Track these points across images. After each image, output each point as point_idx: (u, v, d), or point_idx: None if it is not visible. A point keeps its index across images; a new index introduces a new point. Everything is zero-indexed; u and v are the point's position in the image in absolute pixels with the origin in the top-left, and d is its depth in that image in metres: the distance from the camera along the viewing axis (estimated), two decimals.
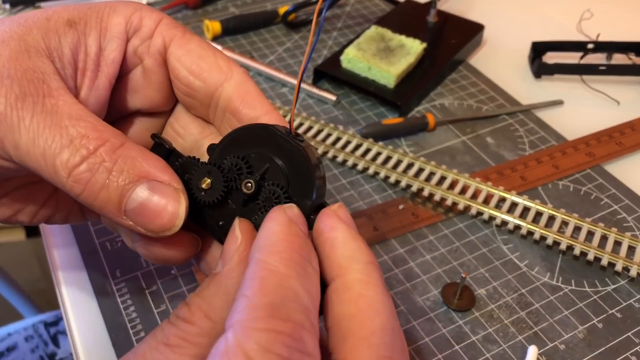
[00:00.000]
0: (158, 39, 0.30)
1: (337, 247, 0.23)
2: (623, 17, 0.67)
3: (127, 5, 0.29)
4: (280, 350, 0.19)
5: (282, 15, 0.65)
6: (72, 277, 0.40)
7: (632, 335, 0.37)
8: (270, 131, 0.26)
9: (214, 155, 0.27)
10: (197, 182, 0.26)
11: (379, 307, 0.22)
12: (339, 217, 0.24)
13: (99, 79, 0.29)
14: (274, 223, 0.23)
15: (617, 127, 0.52)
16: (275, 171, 0.26)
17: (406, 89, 0.54)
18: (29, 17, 0.27)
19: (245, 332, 0.19)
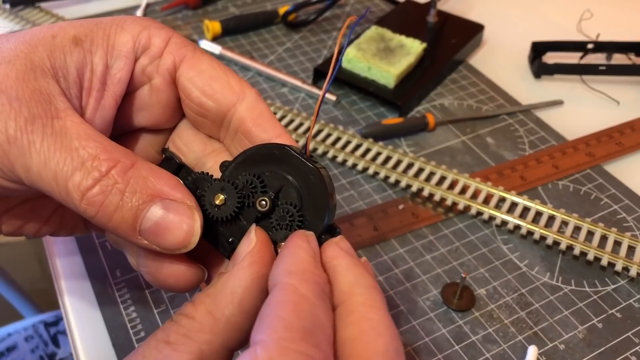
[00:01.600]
0: (168, 58, 0.29)
1: (340, 274, 0.24)
2: (623, 17, 0.67)
3: (135, 23, 0.29)
4: None
5: (282, 15, 0.65)
6: (72, 277, 0.40)
7: (632, 335, 0.37)
8: (285, 151, 0.26)
9: (227, 171, 0.27)
10: (210, 198, 0.26)
11: (382, 329, 0.22)
12: (341, 247, 0.25)
13: (105, 99, 0.28)
14: (301, 251, 0.23)
15: (617, 127, 0.52)
16: (289, 191, 0.26)
17: (406, 89, 0.54)
18: (34, 34, 0.27)
19: (281, 350, 0.19)
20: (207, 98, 0.29)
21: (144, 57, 0.29)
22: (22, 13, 0.65)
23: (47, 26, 0.28)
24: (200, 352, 0.22)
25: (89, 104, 0.28)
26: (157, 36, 0.29)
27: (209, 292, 0.23)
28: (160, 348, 0.22)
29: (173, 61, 0.29)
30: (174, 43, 0.29)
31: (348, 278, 0.24)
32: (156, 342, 0.23)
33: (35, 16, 0.64)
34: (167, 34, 0.30)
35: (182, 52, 0.29)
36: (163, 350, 0.22)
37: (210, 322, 0.23)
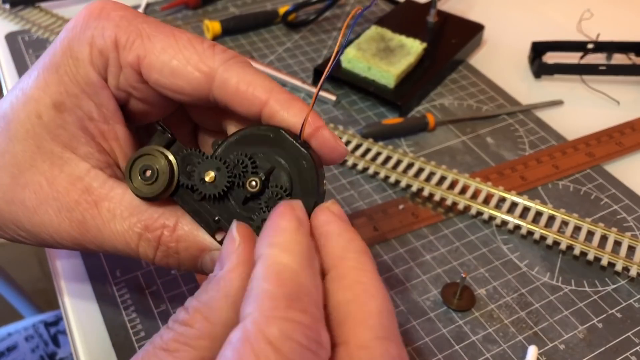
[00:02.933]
0: (127, 69, 0.28)
1: (331, 239, 0.24)
2: (623, 17, 0.67)
3: (82, 45, 0.28)
4: (301, 339, 0.20)
5: (282, 15, 0.65)
6: (72, 277, 0.40)
7: (632, 335, 0.37)
8: (279, 134, 0.26)
9: (219, 149, 0.27)
10: (201, 174, 0.27)
11: (374, 291, 0.23)
12: (333, 213, 0.25)
13: (117, 131, 0.29)
14: (283, 220, 0.23)
15: (617, 127, 0.52)
16: (280, 173, 0.27)
17: (406, 89, 0.54)
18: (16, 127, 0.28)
19: (268, 320, 0.20)
20: (168, 78, 0.28)
21: (110, 78, 0.28)
22: (22, 13, 0.65)
23: (25, 109, 0.28)
24: (201, 359, 0.22)
25: (111, 144, 0.29)
26: (103, 43, 0.28)
27: (202, 298, 0.23)
28: (160, 355, 0.22)
29: (135, 62, 0.28)
30: (122, 40, 0.28)
31: (340, 243, 0.24)
32: (154, 349, 0.23)
33: (35, 16, 0.64)
34: (112, 34, 0.28)
35: (136, 49, 0.28)
36: (163, 358, 0.22)
37: (207, 328, 0.22)
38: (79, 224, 0.28)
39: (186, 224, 0.28)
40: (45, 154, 0.28)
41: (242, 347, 0.19)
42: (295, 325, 0.20)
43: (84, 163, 0.29)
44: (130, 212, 0.28)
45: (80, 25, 0.28)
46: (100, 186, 0.28)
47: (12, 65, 0.58)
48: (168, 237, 0.28)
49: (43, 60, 0.29)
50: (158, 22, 0.29)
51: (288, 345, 0.20)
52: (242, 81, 0.27)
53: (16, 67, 0.58)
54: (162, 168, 0.27)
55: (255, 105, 0.27)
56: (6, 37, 0.62)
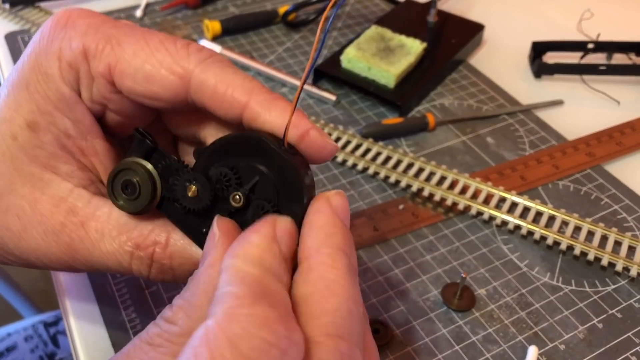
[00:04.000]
0: (99, 80, 0.26)
1: (313, 230, 0.24)
2: (623, 17, 0.67)
3: (51, 59, 0.26)
4: (267, 335, 0.19)
5: (282, 15, 0.65)
6: (72, 277, 0.40)
7: (632, 336, 0.37)
8: (261, 143, 0.25)
9: (200, 161, 0.26)
10: (183, 189, 0.26)
11: (336, 289, 0.22)
12: (329, 203, 0.24)
13: (95, 146, 0.28)
14: (254, 235, 0.23)
15: (618, 127, 0.52)
16: (264, 185, 0.25)
17: (406, 89, 0.54)
18: (5, 150, 0.27)
19: (230, 317, 0.19)
20: (138, 83, 0.26)
21: (83, 91, 0.27)
22: (21, 13, 0.65)
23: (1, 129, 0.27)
24: None
25: (92, 160, 0.28)
26: (72, 55, 0.26)
27: (185, 295, 0.23)
28: (145, 350, 0.23)
29: (106, 71, 0.26)
30: (91, 49, 0.26)
31: (319, 236, 0.23)
32: (140, 342, 0.23)
33: (35, 16, 0.64)
34: (79, 44, 0.26)
35: (105, 59, 0.26)
36: (148, 352, 0.22)
37: (189, 324, 0.22)
38: (67, 246, 0.27)
39: (178, 239, 0.27)
40: (25, 177, 0.27)
41: (199, 346, 0.19)
42: (260, 321, 0.19)
43: (65, 183, 0.27)
44: (119, 231, 0.27)
45: (47, 37, 0.27)
46: (85, 206, 0.27)
47: (12, 65, 0.58)
48: (161, 254, 0.27)
49: (12, 77, 0.27)
50: (128, 25, 0.27)
51: (249, 343, 0.19)
52: (221, 82, 0.25)
53: None
54: (144, 182, 0.26)
55: (234, 107, 0.26)
56: (6, 37, 0.62)
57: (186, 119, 0.29)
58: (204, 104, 0.26)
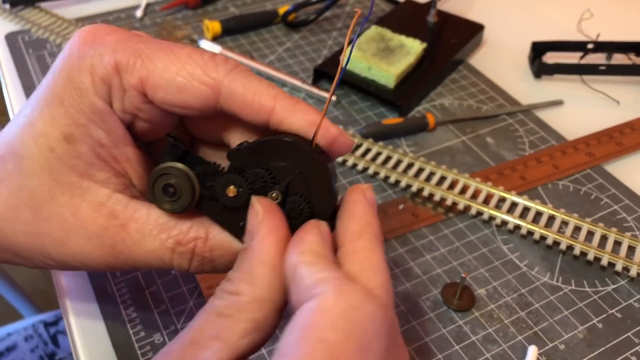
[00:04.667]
0: (131, 92, 0.28)
1: (354, 218, 0.27)
2: (623, 17, 0.67)
3: (83, 75, 0.28)
4: (369, 306, 0.23)
5: (282, 15, 0.65)
6: (72, 277, 0.40)
7: (632, 335, 0.37)
8: (292, 145, 0.27)
9: (236, 162, 0.28)
10: (222, 190, 0.28)
11: (377, 270, 0.25)
12: (365, 195, 0.28)
13: (127, 153, 0.29)
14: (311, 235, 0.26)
15: (617, 127, 0.52)
16: (298, 183, 0.28)
17: (406, 89, 0.54)
18: (44, 162, 0.28)
19: (338, 294, 0.23)
20: (169, 94, 0.28)
21: (115, 102, 0.28)
22: (22, 13, 0.65)
23: (33, 144, 0.28)
24: (254, 320, 0.25)
25: (125, 166, 0.30)
26: (104, 70, 0.28)
27: (242, 268, 0.26)
28: (216, 320, 0.25)
29: (139, 82, 0.28)
30: (123, 63, 0.28)
31: (360, 223, 0.27)
32: (209, 315, 0.25)
33: (35, 16, 0.64)
34: (111, 59, 0.28)
35: (137, 73, 0.28)
36: (219, 321, 0.25)
37: (254, 292, 0.25)
38: (110, 248, 0.29)
39: (217, 233, 0.29)
40: (64, 186, 0.29)
41: (315, 317, 0.22)
42: (362, 296, 0.23)
43: (103, 189, 0.29)
44: (159, 230, 0.29)
45: (77, 54, 0.28)
46: (124, 209, 0.29)
47: (12, 65, 0.58)
48: (202, 248, 0.29)
49: (43, 93, 0.29)
50: (153, 39, 0.29)
51: (358, 314, 0.22)
52: (248, 90, 0.28)
53: (16, 67, 0.58)
54: (183, 185, 0.28)
55: (262, 113, 0.28)
56: (6, 37, 0.62)
57: (210, 125, 0.31)
58: (233, 111, 0.28)
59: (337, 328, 0.22)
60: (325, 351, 0.21)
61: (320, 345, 0.21)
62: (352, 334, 0.22)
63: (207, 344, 0.25)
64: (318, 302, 0.23)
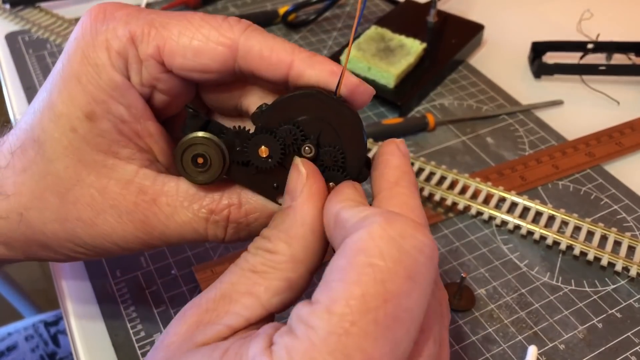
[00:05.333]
0: (149, 61, 0.28)
1: (390, 167, 0.27)
2: (623, 17, 0.67)
3: (99, 51, 0.28)
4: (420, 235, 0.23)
5: (282, 15, 0.65)
6: (72, 277, 0.40)
7: (632, 335, 0.37)
8: (317, 96, 0.27)
9: (263, 122, 0.28)
10: (254, 152, 0.28)
11: (418, 213, 0.26)
12: (399, 148, 0.28)
13: (149, 127, 0.29)
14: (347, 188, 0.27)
15: (617, 127, 0.52)
16: (328, 133, 0.27)
17: (406, 89, 0.54)
18: (67, 144, 0.28)
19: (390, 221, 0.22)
20: (190, 59, 0.27)
21: (133, 76, 0.28)
22: (22, 13, 0.65)
23: (58, 123, 0.28)
24: (288, 279, 0.25)
25: (150, 143, 0.29)
26: (119, 43, 0.27)
27: (281, 227, 0.26)
28: (250, 276, 0.25)
29: (156, 50, 0.27)
30: (138, 34, 0.27)
31: (396, 173, 0.27)
32: (242, 270, 0.25)
33: (35, 16, 0.64)
34: (125, 32, 0.27)
35: (154, 41, 0.27)
36: (252, 277, 0.25)
37: (291, 252, 0.25)
38: (142, 224, 0.29)
39: (250, 197, 0.29)
40: (89, 166, 0.28)
41: (366, 242, 0.22)
42: (413, 224, 0.23)
43: (130, 165, 0.29)
44: (190, 201, 0.29)
45: (90, 32, 0.28)
46: (152, 183, 0.29)
47: (12, 65, 0.58)
48: (236, 214, 0.29)
49: (59, 75, 0.28)
50: (163, 11, 0.29)
51: (409, 242, 0.22)
52: (265, 47, 0.27)
53: (16, 67, 0.58)
54: (213, 153, 0.28)
55: (281, 68, 0.27)
56: (6, 37, 0.62)
57: (228, 90, 0.31)
58: (252, 69, 0.28)
59: (386, 254, 0.21)
60: (373, 277, 0.21)
61: (369, 269, 0.21)
62: (401, 262, 0.21)
63: (238, 299, 0.25)
64: (367, 230, 0.22)
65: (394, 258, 0.21)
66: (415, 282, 0.22)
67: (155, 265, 0.40)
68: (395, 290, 0.21)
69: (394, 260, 0.21)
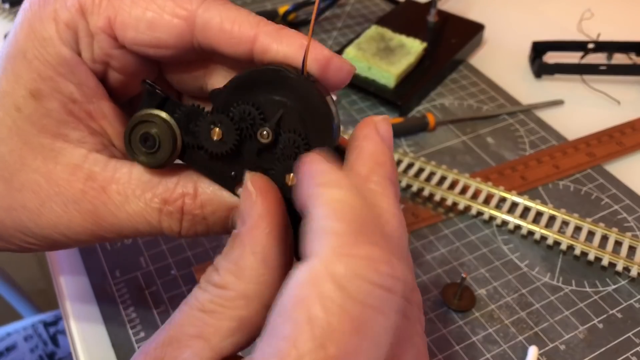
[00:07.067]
0: (100, 35, 0.25)
1: (362, 157, 0.24)
2: (623, 17, 0.67)
3: (46, 22, 0.25)
4: (372, 275, 0.19)
5: (282, 15, 0.65)
6: (72, 277, 0.40)
7: (632, 336, 0.37)
8: (280, 73, 0.24)
9: (218, 102, 0.25)
10: (206, 134, 0.25)
11: (389, 217, 0.22)
12: (377, 130, 0.24)
13: (103, 108, 0.27)
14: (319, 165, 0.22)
15: (618, 127, 0.52)
16: (290, 117, 0.24)
17: (406, 89, 0.54)
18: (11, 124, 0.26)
19: (335, 258, 0.19)
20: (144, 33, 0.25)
21: (84, 51, 0.26)
22: None
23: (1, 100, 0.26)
24: (239, 318, 0.22)
25: (102, 123, 0.27)
26: (68, 14, 0.25)
27: (230, 257, 0.23)
28: (198, 316, 0.22)
29: (107, 22, 0.25)
30: (88, 4, 0.25)
31: (368, 163, 0.23)
32: (190, 309, 0.23)
33: None
34: (74, 2, 0.25)
35: (103, 7, 0.25)
36: (201, 317, 0.22)
37: (241, 287, 0.22)
38: (90, 214, 0.26)
39: (207, 187, 0.26)
40: (35, 149, 0.26)
41: (304, 288, 0.18)
42: (365, 262, 0.19)
43: (79, 149, 0.26)
44: (143, 189, 0.26)
45: (38, 2, 0.26)
46: (102, 170, 0.26)
47: None
48: (191, 205, 0.26)
49: (4, 51, 0.26)
50: None
51: (356, 286, 0.18)
52: (226, 19, 0.25)
53: None
54: (163, 133, 0.25)
55: (243, 42, 0.25)
56: (6, 37, 0.62)
57: (191, 70, 0.28)
58: (211, 44, 0.25)
59: (328, 304, 0.18)
60: (311, 335, 0.18)
61: (306, 326, 0.18)
62: (346, 313, 0.18)
63: (187, 343, 0.22)
64: (309, 268, 0.19)
65: (336, 309, 0.18)
66: (365, 337, 0.18)
67: (155, 265, 0.40)
68: (336, 353, 0.18)
69: (336, 313, 0.18)
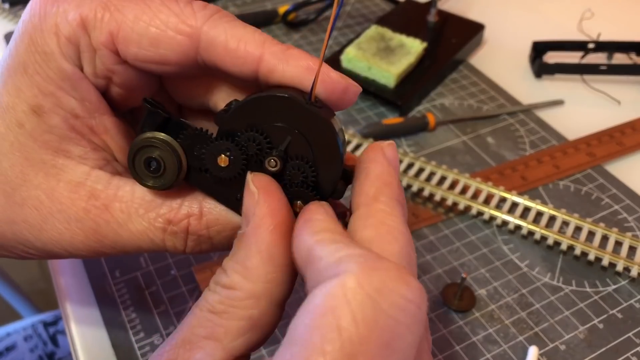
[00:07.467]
0: (102, 51, 0.25)
1: (370, 178, 0.24)
2: (624, 17, 0.67)
3: (47, 36, 0.25)
4: (404, 289, 0.19)
5: (282, 15, 0.65)
6: (72, 277, 0.40)
7: (632, 336, 0.37)
8: (287, 100, 0.24)
9: (225, 127, 0.24)
10: (213, 159, 0.24)
11: (397, 235, 0.22)
12: (384, 153, 0.25)
13: (105, 123, 0.27)
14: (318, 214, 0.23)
15: (618, 127, 0.52)
16: (298, 144, 0.24)
17: (406, 89, 0.54)
18: (13, 139, 0.25)
19: (368, 272, 0.19)
20: (142, 48, 0.24)
21: (86, 66, 0.25)
22: (21, 12, 0.65)
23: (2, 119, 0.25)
24: (249, 318, 0.22)
25: (105, 137, 0.27)
26: (70, 28, 0.25)
27: (237, 257, 0.23)
28: (208, 317, 0.23)
29: (109, 38, 0.24)
30: (90, 19, 0.24)
31: (376, 184, 0.24)
32: (201, 311, 0.23)
33: None
34: (76, 15, 0.24)
35: (105, 22, 0.24)
36: (211, 319, 0.23)
37: (249, 287, 0.22)
38: (93, 232, 0.26)
39: (213, 208, 0.26)
40: (37, 165, 0.26)
41: (336, 302, 0.18)
42: (396, 275, 0.19)
43: (81, 166, 0.26)
44: (146, 208, 0.26)
45: (39, 14, 0.25)
46: (105, 187, 0.26)
47: None
48: (196, 226, 0.26)
49: (5, 63, 0.26)
50: None
51: (389, 299, 0.19)
52: (232, 37, 0.24)
53: None
54: (167, 158, 0.25)
55: (249, 62, 0.24)
56: (6, 37, 0.62)
57: (193, 85, 0.28)
58: (216, 63, 0.25)
59: (359, 317, 0.18)
60: (340, 345, 0.18)
61: (336, 335, 0.18)
62: (377, 326, 0.18)
63: (199, 344, 0.22)
64: (340, 282, 0.19)
65: (368, 321, 0.18)
66: (393, 351, 0.18)
67: (155, 265, 0.40)
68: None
69: (368, 325, 0.18)
